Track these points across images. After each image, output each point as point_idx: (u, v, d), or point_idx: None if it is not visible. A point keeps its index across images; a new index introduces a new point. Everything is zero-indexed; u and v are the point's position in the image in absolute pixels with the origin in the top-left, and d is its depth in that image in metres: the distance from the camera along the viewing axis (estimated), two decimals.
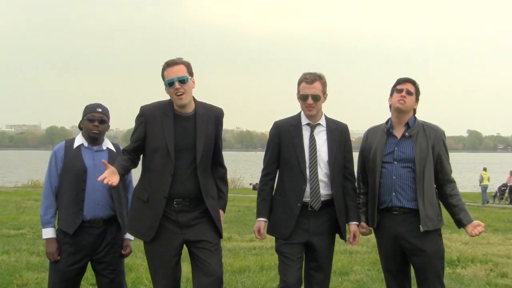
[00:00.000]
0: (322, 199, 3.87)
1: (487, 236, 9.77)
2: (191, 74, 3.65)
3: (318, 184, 3.86)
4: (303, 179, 3.85)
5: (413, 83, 3.97)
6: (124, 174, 3.71)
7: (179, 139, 3.60)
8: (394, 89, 3.97)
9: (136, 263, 6.72)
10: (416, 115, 4.02)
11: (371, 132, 4.12)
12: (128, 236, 4.10)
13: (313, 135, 3.93)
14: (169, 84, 3.60)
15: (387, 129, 3.99)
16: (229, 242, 8.95)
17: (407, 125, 3.94)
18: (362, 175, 4.15)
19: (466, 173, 44.79)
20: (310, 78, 3.87)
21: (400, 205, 3.90)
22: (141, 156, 3.77)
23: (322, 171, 3.89)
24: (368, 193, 4.06)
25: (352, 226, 3.98)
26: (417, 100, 3.97)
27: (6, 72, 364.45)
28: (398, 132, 3.96)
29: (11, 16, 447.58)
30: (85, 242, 3.89)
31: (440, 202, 3.97)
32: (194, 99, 3.73)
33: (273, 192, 4.04)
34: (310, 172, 3.86)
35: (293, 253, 3.87)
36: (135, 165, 3.79)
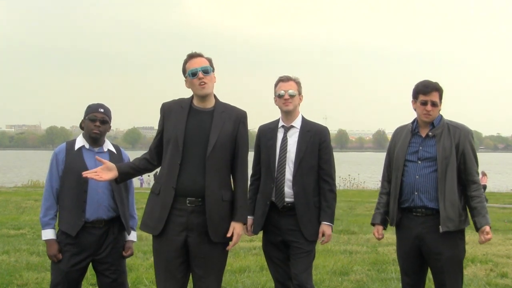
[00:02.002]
0: (288, 199, 4.04)
1: None
2: (212, 68, 3.68)
3: (284, 183, 4.05)
4: (272, 179, 4.07)
5: (438, 89, 3.90)
6: (134, 173, 3.73)
7: (191, 131, 3.58)
8: (418, 100, 3.91)
9: (136, 263, 6.72)
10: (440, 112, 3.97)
11: (397, 132, 4.14)
12: (131, 237, 4.11)
13: (286, 136, 4.14)
14: (193, 74, 3.59)
15: (413, 128, 4.00)
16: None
17: (432, 124, 3.93)
18: (387, 175, 4.16)
19: None
20: (285, 78, 4.17)
21: (421, 205, 3.88)
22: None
23: (290, 170, 4.06)
24: (390, 192, 4.07)
25: (322, 226, 4.07)
26: (440, 103, 3.94)
27: (6, 72, 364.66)
28: (424, 132, 3.96)
29: (11, 16, 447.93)
30: (87, 243, 3.89)
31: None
32: (215, 97, 3.71)
33: None
34: (277, 171, 4.07)
35: (272, 252, 4.17)
36: (152, 165, 3.73)
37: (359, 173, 31.85)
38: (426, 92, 3.88)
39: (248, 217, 4.11)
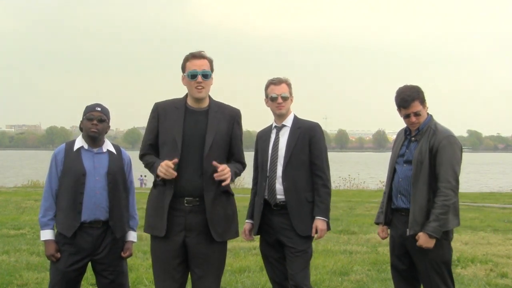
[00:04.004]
0: (279, 195, 4.06)
1: (487, 236, 9.75)
2: (212, 70, 3.69)
3: (275, 180, 4.08)
4: (264, 177, 4.12)
5: (417, 98, 3.89)
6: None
7: (188, 131, 3.59)
8: (400, 113, 3.97)
9: (136, 263, 6.72)
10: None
11: (398, 134, 4.21)
12: (131, 238, 4.10)
13: (278, 136, 4.18)
14: (192, 76, 3.60)
15: (405, 131, 4.07)
16: (229, 242, 8.90)
17: (418, 129, 3.96)
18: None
19: (466, 173, 44.82)
20: (276, 80, 4.18)
21: (404, 207, 3.94)
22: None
23: (281, 167, 4.08)
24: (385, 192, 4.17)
25: (315, 220, 4.05)
26: (425, 106, 3.96)
27: (6, 72, 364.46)
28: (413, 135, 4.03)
29: (12, 16, 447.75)
30: (84, 243, 3.89)
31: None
32: (209, 97, 3.74)
33: None
34: (269, 170, 4.11)
35: (267, 252, 4.19)
36: None
37: (359, 173, 31.77)
38: (406, 106, 3.90)
39: (246, 221, 4.27)
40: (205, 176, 3.56)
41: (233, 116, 3.73)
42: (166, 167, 3.47)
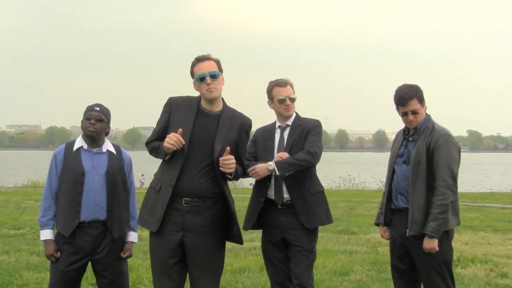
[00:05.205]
0: (285, 194, 4.07)
1: (487, 236, 9.75)
2: (221, 70, 3.68)
3: (283, 180, 4.06)
4: (269, 176, 4.07)
5: (415, 96, 3.90)
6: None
7: (197, 133, 3.60)
8: (398, 111, 3.98)
9: (136, 263, 6.72)
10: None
11: (397, 134, 4.22)
12: (131, 239, 4.10)
13: (283, 135, 4.20)
14: (201, 79, 3.60)
15: (404, 131, 4.08)
16: (229, 242, 8.90)
17: (416, 128, 3.97)
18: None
19: (466, 173, 44.85)
20: (283, 82, 4.18)
21: (404, 207, 3.94)
22: None
23: None
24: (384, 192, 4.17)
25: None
26: (423, 105, 3.96)
27: (6, 72, 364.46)
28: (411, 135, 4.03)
29: (12, 15, 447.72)
30: (84, 243, 3.89)
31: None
32: (223, 101, 3.73)
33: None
34: None
35: (271, 252, 4.18)
36: None
37: (359, 173, 31.83)
38: (404, 104, 3.90)
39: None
40: (223, 182, 3.63)
41: (243, 125, 3.75)
42: (174, 137, 3.48)
